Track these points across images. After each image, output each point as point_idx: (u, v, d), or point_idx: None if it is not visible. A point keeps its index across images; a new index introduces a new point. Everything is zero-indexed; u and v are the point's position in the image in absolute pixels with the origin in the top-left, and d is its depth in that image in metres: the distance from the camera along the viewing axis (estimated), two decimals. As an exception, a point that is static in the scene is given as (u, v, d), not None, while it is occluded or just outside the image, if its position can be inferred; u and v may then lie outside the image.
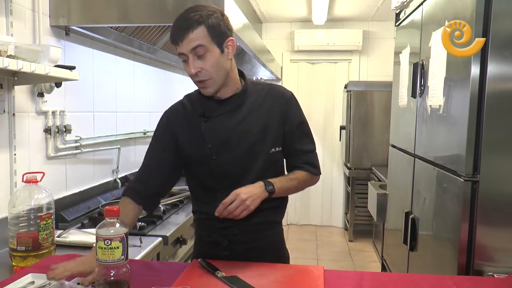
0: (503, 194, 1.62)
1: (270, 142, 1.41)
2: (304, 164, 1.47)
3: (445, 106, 1.85)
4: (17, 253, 1.41)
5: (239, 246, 1.44)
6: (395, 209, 2.80)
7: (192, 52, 1.27)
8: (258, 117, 1.40)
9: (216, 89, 1.35)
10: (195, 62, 1.28)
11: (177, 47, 1.29)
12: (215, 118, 1.40)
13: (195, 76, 1.31)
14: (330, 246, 4.55)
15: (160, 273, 1.31)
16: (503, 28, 1.56)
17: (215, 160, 1.39)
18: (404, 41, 2.64)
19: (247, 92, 1.43)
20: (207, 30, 1.26)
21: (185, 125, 1.43)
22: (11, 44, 1.50)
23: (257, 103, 1.42)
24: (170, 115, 1.48)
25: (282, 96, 1.45)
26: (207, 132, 1.39)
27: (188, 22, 1.26)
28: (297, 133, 1.46)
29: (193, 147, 1.42)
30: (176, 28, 1.28)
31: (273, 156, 1.42)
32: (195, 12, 1.27)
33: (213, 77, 1.31)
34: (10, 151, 1.73)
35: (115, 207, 1.11)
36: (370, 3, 4.34)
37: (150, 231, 1.91)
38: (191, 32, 1.25)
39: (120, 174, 2.62)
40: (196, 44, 1.26)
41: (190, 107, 1.45)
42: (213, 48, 1.28)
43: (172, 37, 1.30)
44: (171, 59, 3.16)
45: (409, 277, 1.53)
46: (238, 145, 1.39)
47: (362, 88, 4.56)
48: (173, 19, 2.05)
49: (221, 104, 1.40)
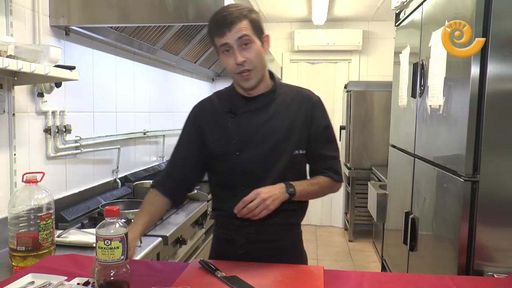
0: (503, 194, 1.62)
1: (293, 143, 1.41)
2: (327, 169, 1.47)
3: (445, 106, 1.85)
4: (17, 253, 1.41)
5: (256, 245, 1.44)
6: (395, 209, 2.80)
7: (238, 42, 1.32)
8: (284, 117, 1.42)
9: (257, 81, 1.39)
10: (241, 52, 1.33)
11: (220, 38, 1.33)
12: (242, 115, 1.43)
13: (240, 66, 1.33)
14: (330, 246, 4.54)
15: (160, 273, 1.31)
16: (503, 28, 1.56)
17: (238, 157, 1.40)
18: (404, 41, 2.64)
19: (275, 92, 1.45)
20: (250, 23, 1.33)
21: (212, 121, 1.46)
22: (11, 44, 1.50)
23: (284, 104, 1.44)
24: (197, 111, 1.51)
25: (309, 99, 1.46)
26: (233, 128, 1.42)
27: (234, 15, 1.32)
28: (321, 138, 1.46)
29: (218, 142, 1.44)
30: (221, 20, 1.33)
31: (296, 158, 1.42)
32: (236, 7, 1.34)
33: (256, 67, 1.35)
34: (10, 151, 1.73)
35: (115, 207, 1.11)
36: (370, 3, 4.34)
37: (150, 231, 1.90)
38: (238, 22, 1.31)
39: (120, 174, 2.62)
40: (242, 34, 1.31)
41: (218, 103, 1.48)
42: (256, 40, 1.34)
43: (216, 29, 1.34)
44: (171, 59, 3.16)
45: (409, 277, 1.53)
46: (262, 143, 1.40)
47: (362, 88, 4.55)
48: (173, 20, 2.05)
49: (249, 101, 1.43)
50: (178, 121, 3.68)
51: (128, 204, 2.20)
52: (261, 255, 1.41)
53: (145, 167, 2.98)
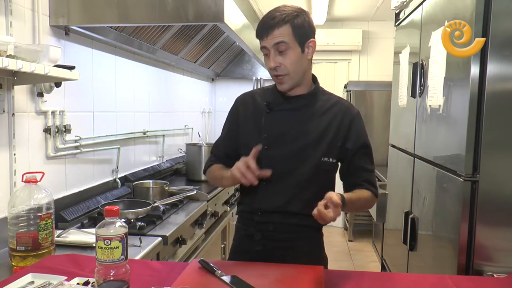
0: (502, 194, 1.62)
1: (322, 149, 1.42)
2: (365, 182, 1.46)
3: (445, 106, 1.85)
4: (16, 253, 1.41)
5: (273, 243, 1.45)
6: (395, 209, 2.80)
7: (274, 47, 1.35)
8: (318, 122, 1.43)
9: (291, 85, 1.41)
10: (276, 57, 1.36)
11: (261, 41, 1.39)
12: (278, 112, 1.45)
13: (273, 70, 1.38)
14: (330, 246, 4.52)
15: (159, 273, 1.31)
16: (503, 28, 1.56)
17: (266, 151, 1.41)
18: (403, 41, 2.64)
19: (315, 96, 1.47)
20: (292, 29, 1.34)
21: (249, 114, 1.50)
22: (10, 44, 1.50)
23: (321, 110, 1.45)
24: (239, 102, 1.56)
25: (348, 111, 1.47)
26: (267, 122, 1.45)
27: (275, 20, 1.34)
28: (360, 152, 1.47)
29: (249, 134, 1.47)
30: (263, 24, 1.37)
31: (324, 165, 1.42)
32: (282, 11, 1.35)
33: (290, 73, 1.38)
34: (10, 151, 1.73)
35: (114, 207, 1.11)
36: (370, 3, 4.34)
37: (150, 231, 1.90)
38: (276, 29, 1.33)
39: (120, 174, 2.62)
40: (279, 40, 1.34)
41: (259, 97, 1.52)
42: (294, 46, 1.36)
43: (257, 32, 1.39)
44: (171, 59, 3.16)
45: (409, 277, 1.53)
46: (292, 143, 1.42)
47: (361, 88, 4.56)
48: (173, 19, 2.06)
49: (287, 100, 1.46)
50: (178, 121, 3.68)
51: (128, 204, 2.20)
52: (279, 254, 1.43)
53: (145, 167, 2.98)
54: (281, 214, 1.44)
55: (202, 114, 4.40)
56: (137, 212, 2.03)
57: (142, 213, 2.05)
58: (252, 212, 1.47)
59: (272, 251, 1.45)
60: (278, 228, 1.45)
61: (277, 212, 1.44)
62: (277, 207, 1.43)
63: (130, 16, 1.95)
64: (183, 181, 3.15)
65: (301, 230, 1.46)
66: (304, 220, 1.43)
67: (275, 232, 1.45)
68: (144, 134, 2.94)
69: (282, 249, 1.45)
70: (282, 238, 1.46)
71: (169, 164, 3.34)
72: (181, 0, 1.91)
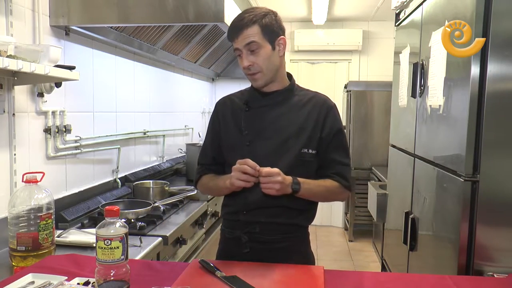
0: (503, 194, 1.62)
1: (302, 141, 1.44)
2: (336, 174, 1.48)
3: (445, 106, 1.85)
4: (17, 253, 1.41)
5: (260, 245, 1.45)
6: (395, 209, 2.80)
7: (246, 48, 1.40)
8: (296, 116, 1.47)
9: (265, 82, 1.46)
10: (248, 57, 1.42)
11: (233, 43, 1.44)
12: (257, 109, 1.50)
13: (247, 69, 1.43)
14: (330, 246, 4.54)
15: (160, 273, 1.31)
16: (503, 28, 1.56)
17: (248, 147, 1.45)
18: (404, 41, 2.64)
19: (291, 91, 1.52)
20: (261, 29, 1.40)
21: (228, 114, 1.54)
22: (11, 44, 1.50)
23: (298, 105, 1.49)
24: (218, 105, 1.60)
25: (324, 103, 1.51)
26: (246, 120, 1.49)
27: (244, 21, 1.40)
28: (333, 142, 1.48)
29: (231, 132, 1.52)
30: (233, 26, 1.42)
31: (304, 156, 1.44)
32: (250, 13, 1.41)
33: (263, 70, 1.43)
34: (10, 151, 1.73)
35: (115, 207, 1.11)
36: (370, 3, 4.34)
37: (150, 231, 1.91)
38: (245, 29, 1.39)
39: (120, 174, 2.62)
40: (249, 41, 1.39)
41: (237, 99, 1.57)
42: (265, 45, 1.41)
43: (228, 34, 1.45)
44: (171, 59, 3.16)
45: (409, 277, 1.53)
46: (272, 137, 1.45)
47: (362, 88, 4.55)
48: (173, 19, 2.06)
49: (265, 97, 1.50)
50: (178, 121, 3.68)
51: (128, 204, 2.20)
52: (266, 255, 1.42)
53: (145, 167, 2.98)
54: (267, 210, 1.43)
55: (202, 114, 4.40)
56: (137, 212, 2.03)
57: (142, 213, 2.05)
58: (237, 212, 1.47)
59: (259, 253, 1.44)
60: (264, 228, 1.44)
61: (262, 208, 1.43)
62: (263, 202, 1.42)
63: (130, 16, 1.96)
64: (183, 181, 3.15)
65: (287, 230, 1.46)
66: (290, 219, 1.45)
67: (262, 233, 1.45)
68: (144, 134, 2.94)
69: (269, 250, 1.45)
70: (269, 239, 1.45)
71: (169, 164, 3.34)
72: (181, 0, 1.91)
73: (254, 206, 1.44)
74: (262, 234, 1.45)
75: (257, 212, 1.44)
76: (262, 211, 1.44)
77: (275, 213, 1.43)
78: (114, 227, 1.09)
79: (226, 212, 1.55)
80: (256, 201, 1.43)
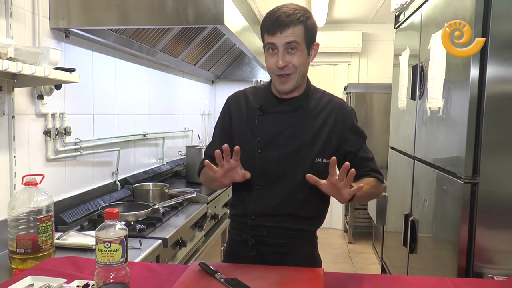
0: (502, 196, 1.62)
1: (316, 151, 1.40)
2: (371, 171, 1.46)
3: (445, 108, 1.86)
4: (16, 255, 1.41)
5: (267, 248, 1.45)
6: (395, 211, 2.80)
7: (285, 46, 1.32)
8: (312, 124, 1.42)
9: (294, 86, 1.39)
10: (285, 56, 1.33)
11: (270, 37, 1.33)
12: (271, 114, 1.44)
13: (280, 69, 1.34)
14: (330, 248, 4.54)
15: (159, 276, 1.31)
16: (502, 30, 1.56)
17: (260, 154, 1.41)
18: (403, 43, 2.65)
19: (307, 96, 1.45)
20: (304, 30, 1.33)
21: (242, 114, 1.48)
22: (11, 47, 1.50)
23: (315, 111, 1.44)
24: (231, 102, 1.53)
25: (342, 109, 1.46)
26: (260, 126, 1.43)
27: (291, 18, 1.30)
28: (358, 144, 1.46)
29: (243, 137, 1.46)
30: (277, 20, 1.31)
31: (317, 166, 1.40)
32: (297, 10, 1.32)
33: (296, 73, 1.36)
34: (10, 153, 1.73)
35: (114, 210, 1.11)
36: (370, 5, 4.35)
37: (150, 233, 1.90)
38: (291, 27, 1.30)
39: (120, 176, 2.62)
40: (292, 39, 1.31)
41: (251, 97, 1.50)
42: (303, 48, 1.35)
43: (269, 27, 1.33)
44: (171, 61, 3.16)
45: (409, 279, 1.53)
46: (285, 146, 1.40)
47: (361, 90, 4.56)
48: (173, 22, 2.06)
49: (280, 102, 1.44)
50: (178, 123, 3.68)
51: (127, 206, 2.20)
52: (272, 259, 1.41)
53: (145, 169, 2.98)
54: (275, 217, 1.43)
55: (202, 116, 4.40)
56: (137, 214, 2.03)
57: (142, 216, 2.05)
58: (245, 216, 1.46)
59: (266, 256, 1.44)
60: (271, 232, 1.43)
61: (271, 215, 1.43)
62: (271, 209, 1.42)
63: (130, 18, 1.96)
64: (183, 184, 3.15)
65: (294, 234, 1.45)
66: (298, 224, 1.43)
67: (269, 237, 1.44)
68: (144, 137, 2.94)
69: (276, 254, 1.44)
70: (276, 243, 1.45)
71: (169, 166, 3.34)
72: (181, 3, 1.91)
73: (260, 214, 1.44)
74: (269, 237, 1.44)
75: (265, 218, 1.44)
76: (270, 217, 1.43)
77: (282, 220, 1.42)
78: (114, 230, 1.09)
79: (234, 214, 1.54)
80: (263, 210, 1.43)
